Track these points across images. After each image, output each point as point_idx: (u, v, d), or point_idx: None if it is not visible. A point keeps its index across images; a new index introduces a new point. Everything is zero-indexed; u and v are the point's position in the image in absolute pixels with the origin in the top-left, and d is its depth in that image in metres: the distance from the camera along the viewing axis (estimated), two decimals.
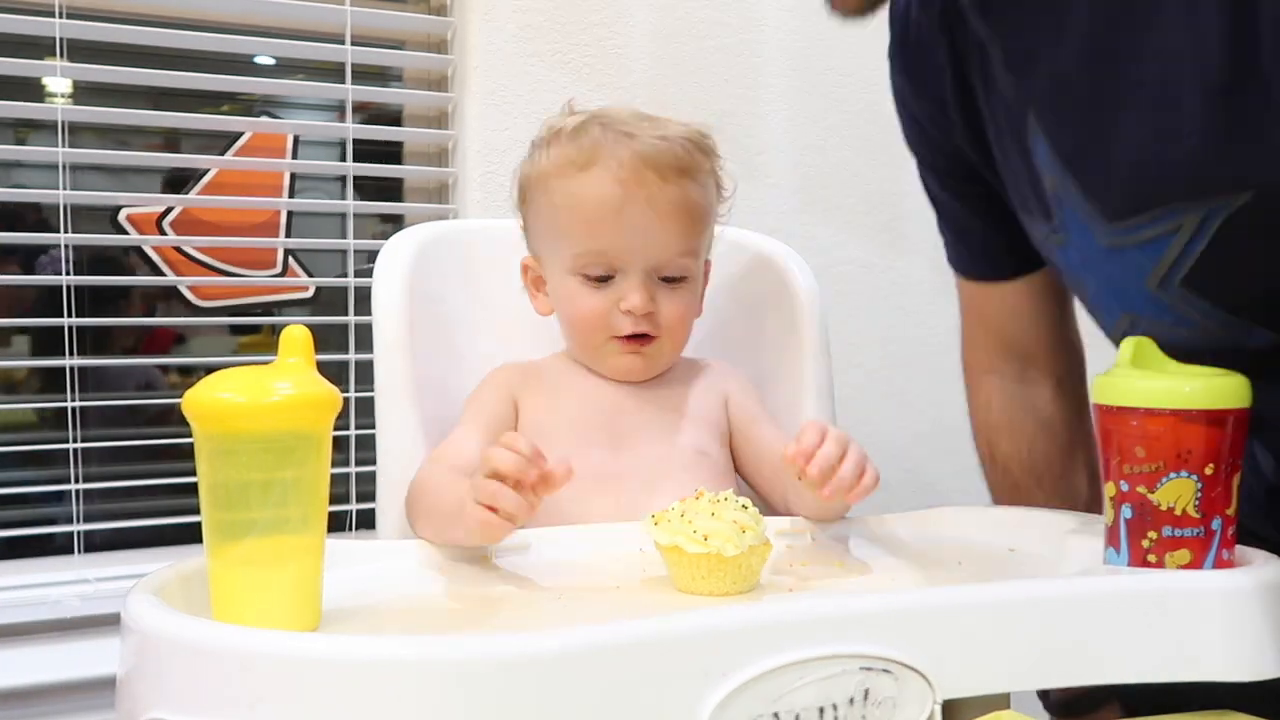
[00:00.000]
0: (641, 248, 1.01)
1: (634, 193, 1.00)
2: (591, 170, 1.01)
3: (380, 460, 1.06)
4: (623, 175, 1.00)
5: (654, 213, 1.00)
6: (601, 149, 1.01)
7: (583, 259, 1.02)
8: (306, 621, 0.68)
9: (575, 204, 1.02)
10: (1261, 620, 0.71)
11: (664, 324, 1.03)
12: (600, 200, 1.00)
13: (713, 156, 1.06)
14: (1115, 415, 0.75)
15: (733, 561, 0.77)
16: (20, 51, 1.31)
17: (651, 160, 1.00)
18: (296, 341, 0.67)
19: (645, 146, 1.00)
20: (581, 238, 1.02)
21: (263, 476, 0.64)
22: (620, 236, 1.00)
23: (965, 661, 0.67)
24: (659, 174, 1.00)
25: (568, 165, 1.02)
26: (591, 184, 1.00)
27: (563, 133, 1.04)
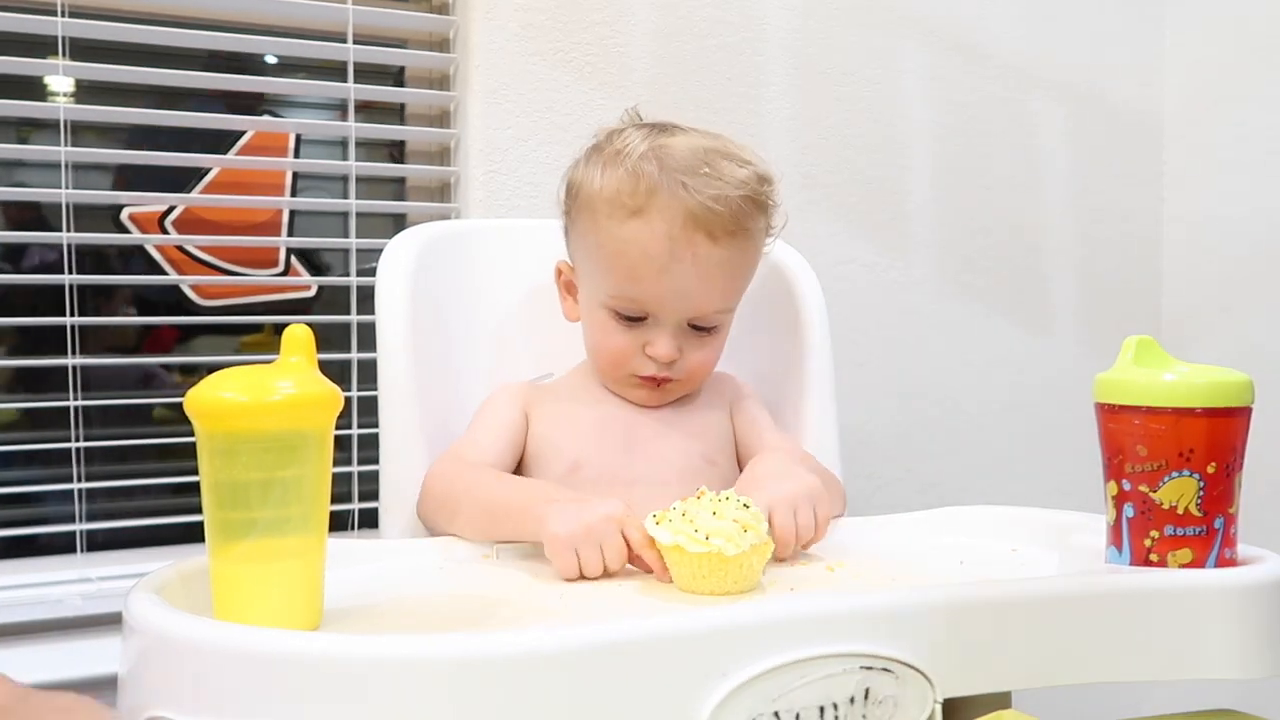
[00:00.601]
0: (679, 302, 1.00)
1: (681, 252, 0.97)
2: (641, 218, 0.98)
3: (383, 459, 1.06)
4: (673, 232, 0.97)
5: (697, 272, 0.98)
6: (655, 197, 0.97)
7: (619, 300, 1.01)
8: (308, 620, 0.68)
9: (620, 249, 1.00)
10: (1264, 619, 0.71)
11: (686, 369, 1.03)
12: (645, 253, 0.98)
13: (769, 208, 1.03)
14: (1117, 414, 0.75)
15: (734, 561, 0.77)
16: (22, 50, 1.31)
17: (704, 221, 0.97)
18: (298, 340, 0.67)
19: (700, 204, 0.96)
20: (620, 281, 1.00)
21: (264, 475, 0.64)
22: (660, 289, 0.99)
23: (966, 661, 0.67)
24: (709, 235, 0.97)
25: (618, 205, 0.99)
26: (639, 234, 0.98)
27: (622, 158, 1.00)
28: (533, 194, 1.49)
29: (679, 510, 0.80)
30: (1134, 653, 0.70)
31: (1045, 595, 0.70)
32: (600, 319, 1.03)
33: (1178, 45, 1.88)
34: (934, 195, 1.73)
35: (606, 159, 1.01)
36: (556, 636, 0.60)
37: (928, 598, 0.69)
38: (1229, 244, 1.82)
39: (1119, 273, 1.89)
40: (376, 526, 1.11)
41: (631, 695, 0.60)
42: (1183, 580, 0.72)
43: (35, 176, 1.39)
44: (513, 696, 0.58)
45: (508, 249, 1.18)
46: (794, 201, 1.65)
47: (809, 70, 1.63)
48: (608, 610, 0.77)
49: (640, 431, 1.05)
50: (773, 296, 1.20)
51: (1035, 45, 1.80)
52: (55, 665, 1.22)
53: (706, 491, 0.82)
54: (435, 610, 0.77)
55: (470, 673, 0.58)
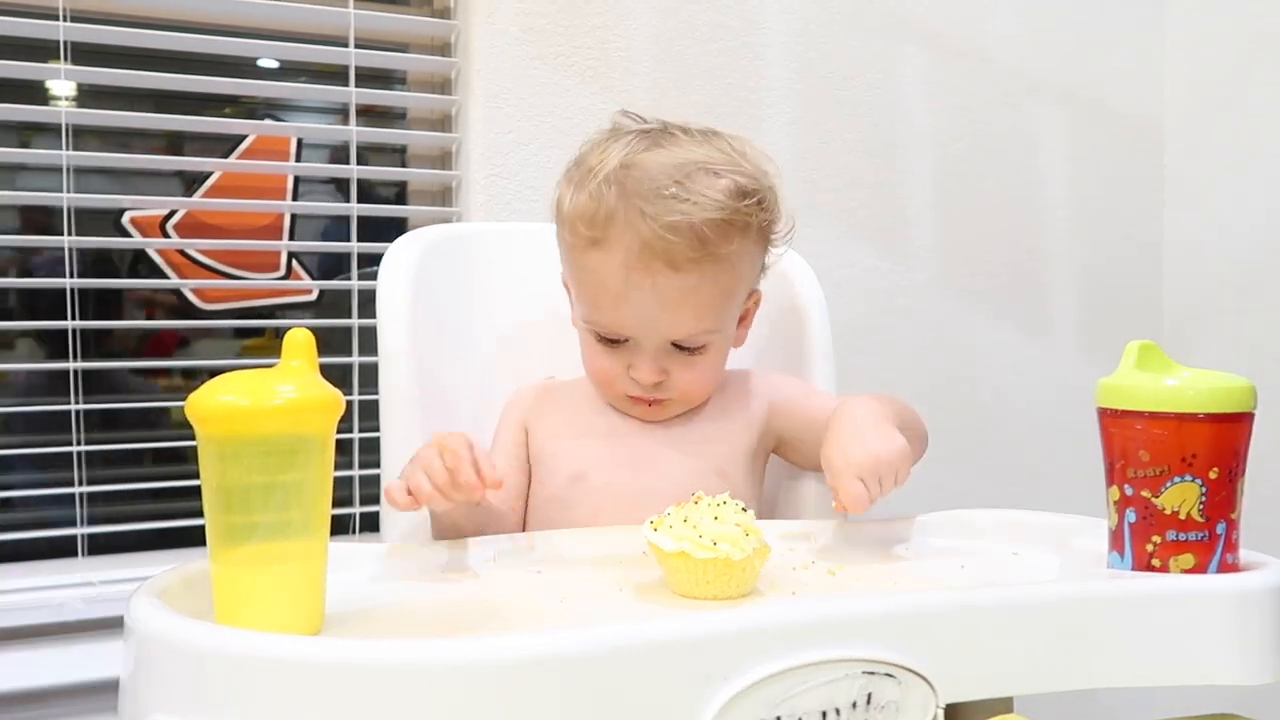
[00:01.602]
0: (650, 329, 0.97)
1: (639, 281, 0.94)
2: (600, 248, 0.95)
3: (384, 463, 1.06)
4: (629, 262, 0.94)
5: (661, 301, 0.95)
6: (613, 225, 0.94)
7: (594, 324, 1.00)
8: (309, 624, 0.68)
9: (584, 276, 0.98)
10: (1266, 624, 0.71)
11: (678, 388, 1.01)
12: (603, 283, 0.96)
13: (751, 224, 0.97)
14: (1119, 419, 0.75)
15: (739, 565, 0.77)
16: (24, 55, 1.31)
17: (662, 251, 0.92)
18: (299, 344, 0.67)
19: (657, 233, 0.92)
20: (590, 307, 0.99)
21: (265, 479, 0.64)
22: (626, 319, 0.97)
23: (968, 665, 0.67)
24: (669, 264, 0.93)
25: (580, 233, 0.96)
26: (599, 264, 0.96)
27: (589, 178, 0.96)
28: (534, 198, 1.49)
29: (678, 515, 0.80)
30: (1136, 658, 0.70)
31: (1047, 600, 0.70)
32: (587, 340, 1.02)
33: (1178, 50, 1.88)
34: (935, 199, 1.73)
35: (580, 177, 0.98)
36: (558, 641, 0.60)
37: (930, 602, 0.69)
38: (1230, 248, 1.82)
39: (1120, 277, 1.89)
40: (378, 530, 1.11)
41: (633, 700, 0.60)
42: (1184, 586, 0.72)
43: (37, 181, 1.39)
44: (515, 701, 0.58)
45: (509, 253, 1.18)
46: (794, 205, 1.65)
47: (810, 74, 1.64)
48: (609, 615, 0.77)
49: (647, 444, 1.04)
50: (774, 300, 1.20)
51: (1036, 50, 1.80)
52: (57, 669, 1.22)
53: (704, 496, 0.82)
54: (436, 614, 0.77)
55: (471, 677, 0.58)
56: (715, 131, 1.01)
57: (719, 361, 1.03)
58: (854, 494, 0.88)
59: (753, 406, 1.08)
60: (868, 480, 0.88)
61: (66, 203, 1.33)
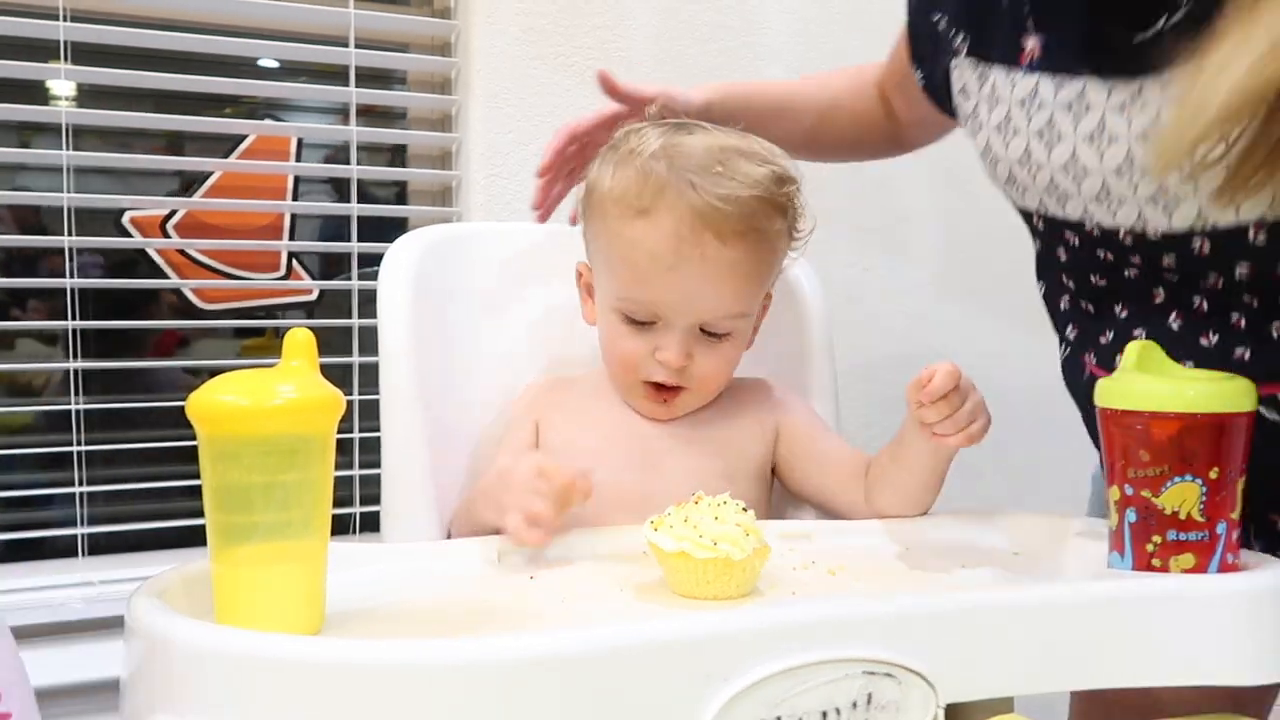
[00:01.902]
0: (689, 306, 0.97)
1: (689, 253, 0.94)
2: (648, 218, 0.95)
3: (385, 463, 1.06)
4: (680, 232, 0.94)
5: (706, 275, 0.95)
6: (663, 196, 0.94)
7: (627, 303, 0.99)
8: (310, 624, 0.68)
9: (627, 250, 0.97)
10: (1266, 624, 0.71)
11: (697, 377, 1.01)
12: (652, 254, 0.95)
13: (788, 210, 0.99)
14: (1119, 419, 0.75)
15: (739, 565, 0.77)
16: (24, 54, 1.31)
17: (712, 220, 0.93)
18: (300, 344, 0.67)
19: (708, 203, 0.93)
20: (628, 284, 0.98)
21: (266, 479, 0.64)
22: (668, 293, 0.97)
23: (968, 666, 0.67)
24: (718, 236, 0.94)
25: (626, 205, 0.96)
26: (646, 234, 0.95)
27: (633, 157, 0.97)
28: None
29: (679, 515, 0.80)
30: (1136, 658, 0.70)
31: (1047, 600, 0.70)
32: (611, 322, 1.01)
33: None
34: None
35: (620, 158, 0.99)
36: (558, 641, 0.60)
37: (930, 602, 0.69)
38: None
39: None
40: (378, 530, 1.11)
41: (633, 700, 0.60)
42: (1185, 585, 0.72)
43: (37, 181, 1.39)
44: (514, 701, 0.58)
45: (509, 253, 1.18)
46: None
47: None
48: (609, 615, 0.77)
49: (655, 446, 1.03)
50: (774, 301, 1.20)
51: None
52: (57, 669, 1.22)
53: (704, 496, 0.82)
54: (436, 614, 0.77)
55: (472, 677, 0.58)
56: (733, 130, 1.02)
57: (737, 354, 1.03)
58: (947, 368, 0.88)
59: (765, 420, 1.07)
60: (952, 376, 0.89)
61: (66, 203, 1.33)
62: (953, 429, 0.90)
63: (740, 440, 1.05)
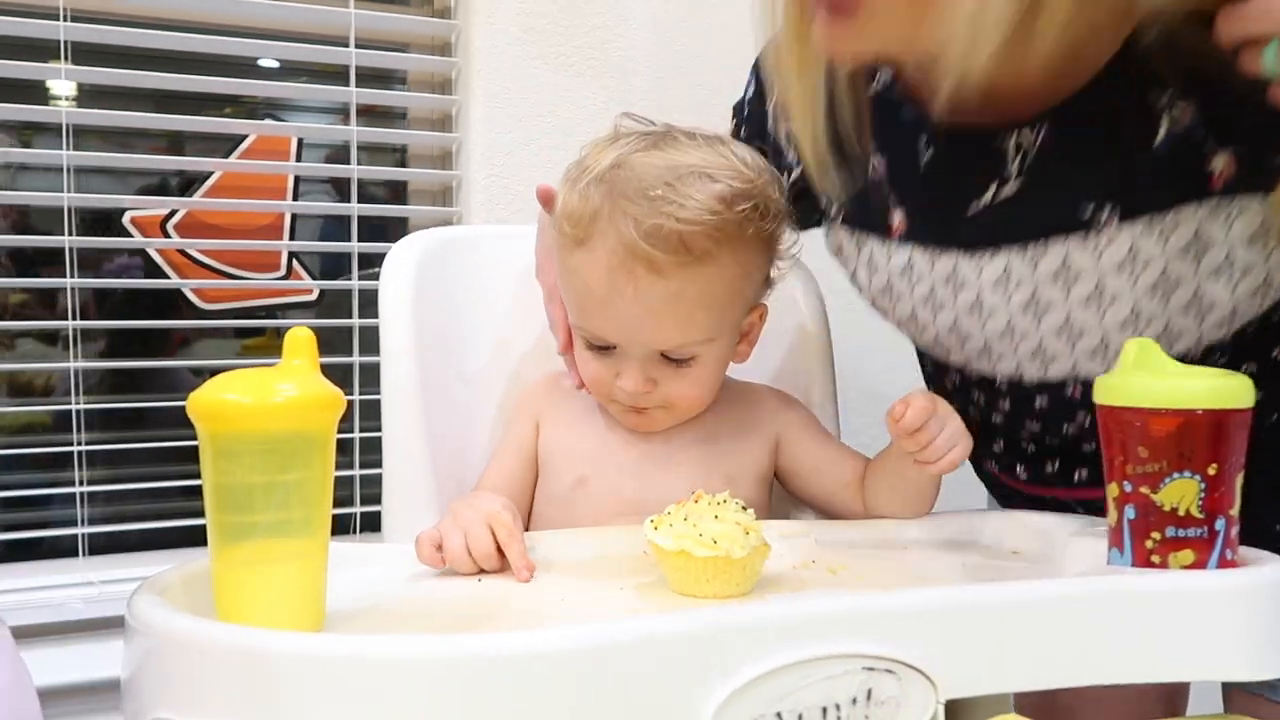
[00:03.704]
0: (634, 337, 0.94)
1: (621, 286, 0.90)
2: (584, 248, 0.92)
3: (386, 463, 1.06)
4: (611, 264, 0.90)
5: (644, 308, 0.91)
6: (596, 225, 0.91)
7: (581, 330, 0.98)
8: (310, 623, 0.68)
9: (568, 278, 0.96)
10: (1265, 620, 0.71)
11: (666, 399, 0.98)
12: (587, 286, 0.93)
13: (748, 227, 0.92)
14: (1118, 415, 0.75)
15: (739, 563, 0.77)
16: (25, 54, 1.32)
17: (643, 253, 0.88)
18: (301, 343, 0.67)
19: (641, 233, 0.88)
20: (575, 313, 0.97)
21: (266, 478, 0.64)
22: (607, 323, 0.94)
23: (968, 662, 0.67)
24: (651, 268, 0.89)
25: (566, 232, 0.94)
26: (581, 265, 0.93)
27: (582, 177, 0.94)
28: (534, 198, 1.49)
29: (678, 514, 0.80)
30: (1136, 654, 0.70)
31: (1047, 597, 0.70)
32: (578, 344, 1.00)
33: None
34: None
35: (576, 175, 0.95)
36: (558, 637, 0.60)
37: (930, 599, 0.69)
38: None
39: None
40: (378, 530, 1.11)
41: (633, 697, 0.60)
42: (1184, 582, 0.72)
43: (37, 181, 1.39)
44: (514, 697, 0.58)
45: (510, 253, 1.18)
46: None
47: None
48: (609, 612, 0.77)
49: (652, 450, 1.02)
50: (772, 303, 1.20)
51: None
52: (58, 668, 1.23)
53: (704, 495, 0.82)
54: (436, 613, 0.77)
55: (472, 673, 0.58)
56: (722, 139, 0.97)
57: (713, 373, 0.99)
58: (920, 403, 0.88)
59: (765, 429, 1.06)
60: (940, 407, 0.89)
61: (67, 202, 1.33)
62: (932, 457, 0.90)
63: (740, 449, 1.04)
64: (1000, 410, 1.00)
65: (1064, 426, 0.97)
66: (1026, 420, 0.99)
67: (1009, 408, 0.99)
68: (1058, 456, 1.01)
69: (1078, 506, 1.00)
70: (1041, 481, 1.02)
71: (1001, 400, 0.99)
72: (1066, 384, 0.93)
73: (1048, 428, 0.98)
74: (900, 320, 1.01)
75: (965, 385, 1.02)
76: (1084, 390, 0.92)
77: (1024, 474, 1.03)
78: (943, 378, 1.05)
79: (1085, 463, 0.99)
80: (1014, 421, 1.00)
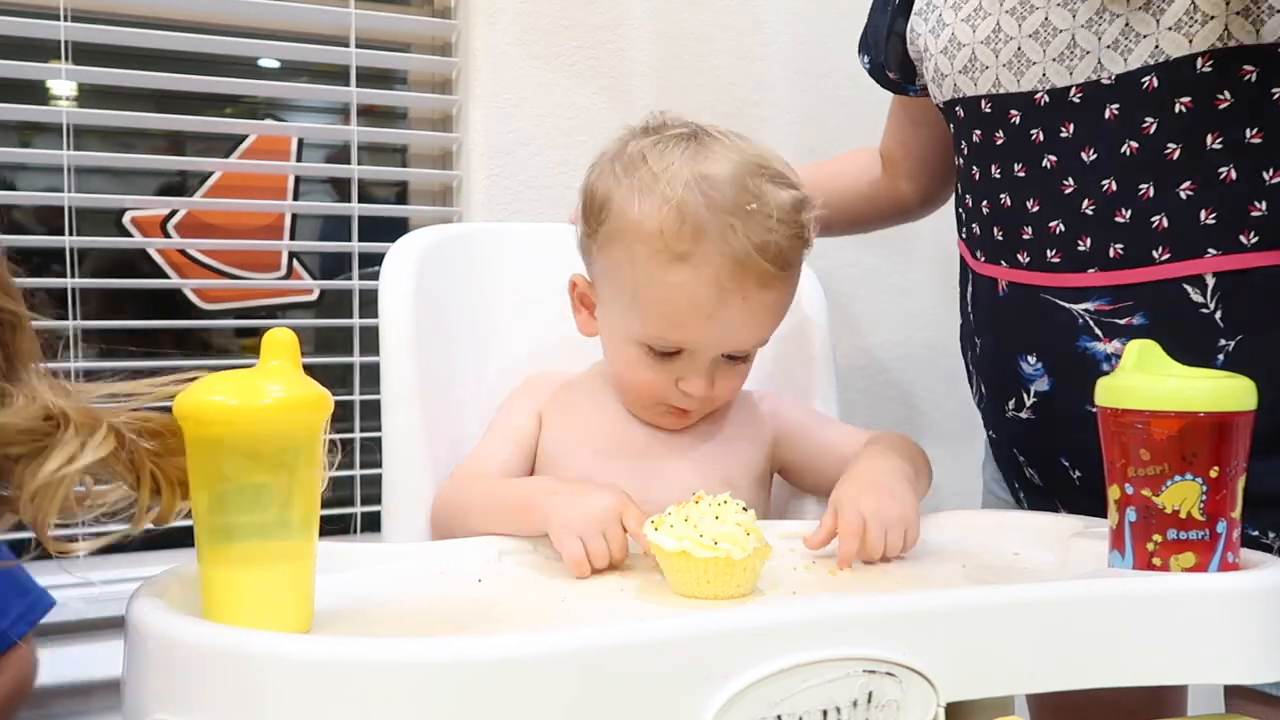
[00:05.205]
0: (723, 343, 0.96)
1: (731, 300, 0.92)
2: (688, 264, 0.91)
3: (386, 462, 1.06)
4: (722, 281, 0.91)
5: (746, 317, 0.94)
6: (702, 242, 0.91)
7: (656, 341, 0.96)
8: (297, 625, 0.67)
9: (665, 295, 0.93)
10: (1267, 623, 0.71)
11: (716, 398, 1.00)
12: (692, 301, 0.92)
13: (813, 227, 0.97)
14: (1120, 418, 0.75)
15: (740, 564, 0.77)
16: (25, 54, 1.31)
17: (753, 265, 0.91)
18: (280, 344, 0.67)
19: (750, 244, 0.91)
20: (661, 326, 0.95)
21: (254, 480, 0.64)
22: (705, 335, 0.95)
23: (969, 664, 0.67)
24: (759, 280, 0.92)
25: (661, 248, 0.91)
26: (687, 281, 0.92)
27: (661, 186, 0.92)
28: (535, 198, 1.49)
29: (679, 514, 0.80)
30: (1137, 657, 0.70)
31: (1048, 599, 0.70)
32: (630, 354, 0.98)
33: None
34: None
35: (642, 184, 0.93)
36: (558, 640, 0.60)
37: (930, 601, 0.69)
38: None
39: None
40: (378, 530, 1.11)
41: (633, 699, 0.60)
42: (1186, 584, 0.72)
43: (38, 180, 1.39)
44: (513, 700, 0.58)
45: (510, 253, 1.19)
46: None
47: (811, 74, 1.64)
48: (609, 614, 0.77)
49: (655, 451, 1.03)
50: None
51: None
52: (58, 668, 1.23)
53: (704, 496, 0.82)
54: (437, 614, 0.77)
55: (473, 675, 0.58)
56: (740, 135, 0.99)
57: (749, 368, 1.03)
58: (849, 521, 0.86)
59: (763, 430, 1.07)
60: (871, 524, 0.87)
61: (67, 202, 1.33)
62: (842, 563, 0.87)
63: (739, 449, 1.05)
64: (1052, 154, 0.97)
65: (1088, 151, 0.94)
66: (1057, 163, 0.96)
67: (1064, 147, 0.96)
68: (1088, 233, 0.96)
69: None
70: (1074, 266, 0.97)
71: (1059, 134, 0.96)
72: (1143, 75, 0.90)
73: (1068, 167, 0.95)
74: (975, 48, 1.00)
75: (1026, 120, 0.98)
76: (1159, 80, 0.89)
77: (1056, 259, 0.98)
78: (991, 137, 1.02)
79: (1112, 235, 0.94)
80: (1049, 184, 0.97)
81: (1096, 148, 0.93)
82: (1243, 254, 0.89)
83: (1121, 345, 0.90)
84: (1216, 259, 0.89)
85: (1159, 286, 0.91)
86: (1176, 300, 0.90)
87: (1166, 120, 0.89)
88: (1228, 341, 0.90)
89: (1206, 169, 0.89)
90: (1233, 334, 0.89)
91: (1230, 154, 0.88)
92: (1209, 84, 0.87)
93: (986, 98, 1.00)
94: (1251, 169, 0.88)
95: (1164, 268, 0.91)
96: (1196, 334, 0.90)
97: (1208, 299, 0.90)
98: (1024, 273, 1.00)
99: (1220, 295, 0.89)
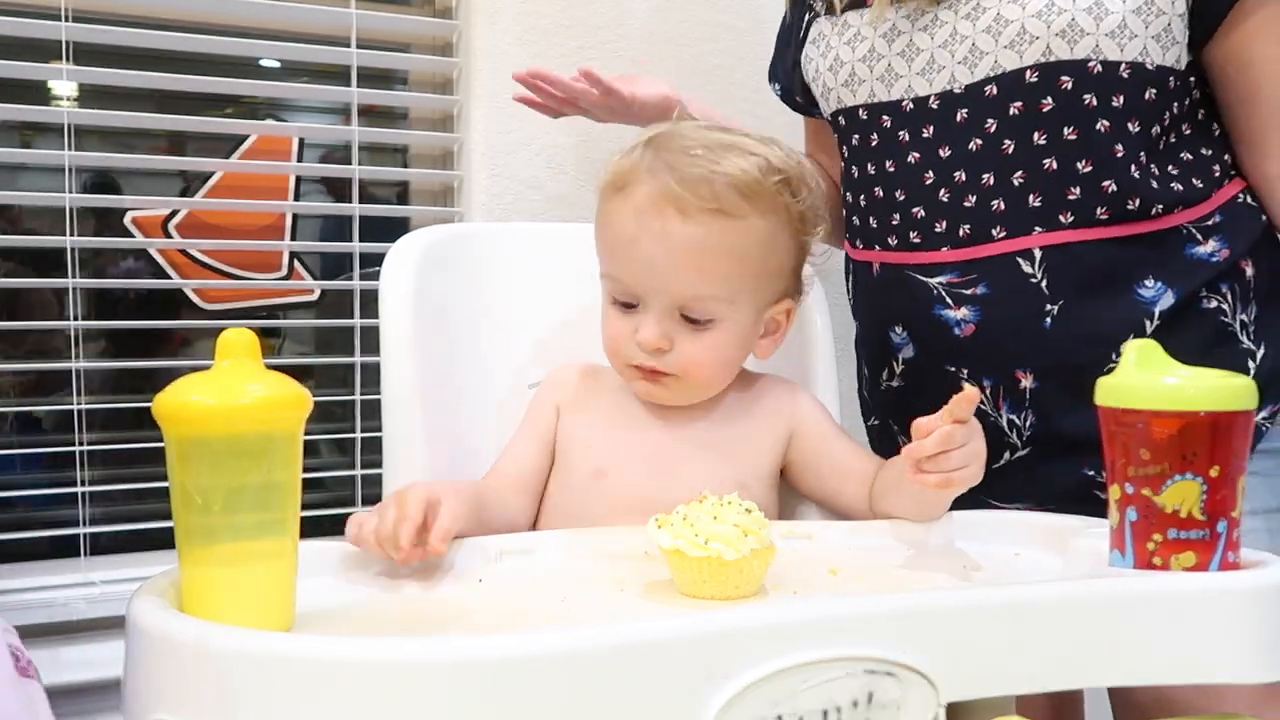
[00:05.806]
0: (656, 284, 0.97)
1: (649, 226, 0.95)
2: (621, 194, 0.98)
3: (386, 463, 1.06)
4: (643, 205, 0.96)
5: (666, 249, 0.95)
6: (636, 173, 0.97)
7: (608, 282, 1.01)
8: (279, 624, 0.67)
9: (603, 226, 1.01)
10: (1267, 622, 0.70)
11: (680, 365, 0.99)
12: (619, 229, 0.98)
13: (779, 199, 0.97)
14: (1120, 417, 0.75)
15: (733, 565, 0.77)
16: (26, 55, 1.32)
17: (676, 196, 0.94)
18: (234, 345, 0.67)
19: (678, 179, 0.94)
20: (606, 260, 1.01)
21: (233, 479, 0.64)
22: (634, 268, 0.97)
23: (969, 665, 0.67)
24: (680, 211, 0.94)
25: (609, 183, 1.00)
26: (617, 210, 0.98)
27: (636, 145, 1.00)
28: (535, 198, 1.49)
29: (680, 514, 0.80)
30: (1137, 656, 0.70)
31: (1048, 599, 0.70)
32: (604, 306, 1.02)
33: None
34: None
35: (631, 146, 1.01)
36: (558, 639, 0.60)
37: (931, 601, 0.69)
38: None
39: None
40: None
41: (633, 699, 0.60)
42: (1186, 584, 0.72)
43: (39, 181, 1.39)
44: (513, 700, 0.58)
45: (510, 252, 1.19)
46: None
47: None
48: (610, 614, 0.77)
49: (671, 447, 1.03)
50: None
51: None
52: (59, 668, 1.23)
53: (709, 495, 0.82)
54: (437, 614, 0.77)
55: (473, 675, 0.58)
56: (774, 139, 1.02)
57: (729, 347, 1.00)
58: (944, 430, 0.87)
59: (778, 424, 1.06)
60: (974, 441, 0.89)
61: (68, 203, 1.33)
62: (933, 469, 0.88)
63: (755, 446, 1.05)
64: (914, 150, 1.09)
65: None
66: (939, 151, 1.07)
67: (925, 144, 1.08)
68: (943, 217, 1.07)
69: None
70: (931, 245, 1.08)
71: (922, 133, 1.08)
72: (984, 85, 1.04)
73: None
74: (854, 66, 1.12)
75: (895, 124, 1.10)
76: (999, 88, 1.03)
77: (918, 240, 1.09)
78: (867, 140, 1.13)
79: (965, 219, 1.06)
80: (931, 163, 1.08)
81: (950, 145, 1.07)
82: (1062, 231, 1.02)
83: (969, 312, 1.06)
84: (1042, 235, 1.03)
85: (998, 260, 1.04)
86: (1011, 272, 1.04)
87: (1003, 121, 1.04)
88: (1052, 306, 1.03)
89: (1033, 161, 1.03)
90: (1055, 299, 1.03)
91: (1051, 149, 1.02)
92: (1035, 91, 1.02)
93: (864, 106, 1.13)
94: (1067, 160, 1.02)
95: (1001, 244, 1.04)
96: (1028, 300, 1.03)
97: (1035, 270, 1.03)
98: (893, 254, 1.12)
99: (1046, 266, 1.03)
